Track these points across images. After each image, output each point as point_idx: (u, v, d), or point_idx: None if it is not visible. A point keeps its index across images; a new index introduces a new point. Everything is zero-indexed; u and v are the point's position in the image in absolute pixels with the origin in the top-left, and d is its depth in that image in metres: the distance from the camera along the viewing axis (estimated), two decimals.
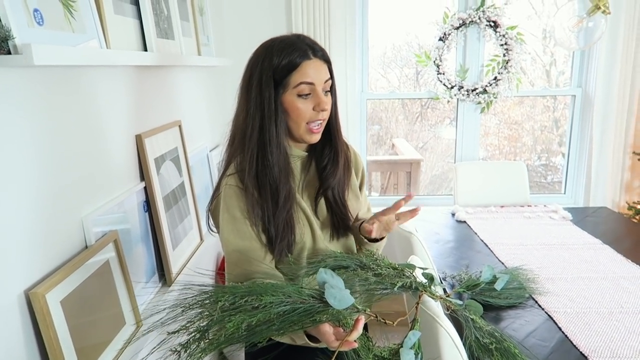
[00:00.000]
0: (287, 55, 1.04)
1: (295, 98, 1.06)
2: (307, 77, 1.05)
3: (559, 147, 5.50)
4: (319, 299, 0.90)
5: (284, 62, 1.04)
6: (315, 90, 1.07)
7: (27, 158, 0.95)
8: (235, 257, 1.09)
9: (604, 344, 1.29)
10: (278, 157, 1.08)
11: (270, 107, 1.06)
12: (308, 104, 1.07)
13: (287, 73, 1.05)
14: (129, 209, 1.36)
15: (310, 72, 1.05)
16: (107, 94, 1.28)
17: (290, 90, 1.06)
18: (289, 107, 1.07)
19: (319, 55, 1.08)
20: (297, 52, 1.05)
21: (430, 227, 2.29)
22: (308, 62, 1.05)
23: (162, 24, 1.60)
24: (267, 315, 0.84)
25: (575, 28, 2.26)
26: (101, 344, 1.12)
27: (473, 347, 1.11)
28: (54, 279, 0.97)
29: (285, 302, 0.87)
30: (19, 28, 0.87)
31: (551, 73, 5.30)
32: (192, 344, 0.85)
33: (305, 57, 1.05)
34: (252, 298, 0.87)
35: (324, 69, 1.09)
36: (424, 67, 2.81)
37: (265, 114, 1.06)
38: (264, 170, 1.07)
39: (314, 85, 1.06)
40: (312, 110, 1.08)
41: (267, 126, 1.06)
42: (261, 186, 1.07)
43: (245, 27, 2.61)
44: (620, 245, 1.95)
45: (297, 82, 1.05)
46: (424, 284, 1.12)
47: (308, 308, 0.88)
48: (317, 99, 1.07)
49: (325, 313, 0.89)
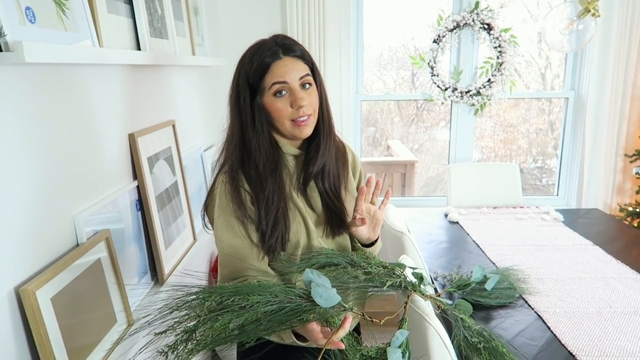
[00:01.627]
0: (257, 59, 1.07)
1: (272, 99, 1.08)
2: (279, 77, 1.06)
3: (554, 150, 5.53)
4: (306, 298, 0.90)
5: (254, 65, 1.07)
6: (291, 89, 1.08)
7: (19, 156, 0.95)
8: (228, 254, 1.10)
9: (592, 343, 1.30)
10: (260, 157, 1.10)
11: (246, 113, 1.09)
12: (286, 103, 1.08)
13: (259, 76, 1.07)
14: (121, 208, 1.36)
15: (281, 71, 1.06)
16: (100, 93, 1.28)
17: (267, 92, 1.08)
18: (270, 109, 1.09)
19: (291, 54, 1.08)
20: (265, 53, 1.06)
21: (423, 228, 2.30)
22: (278, 62, 1.07)
23: (156, 24, 1.60)
24: (255, 314, 0.85)
25: (566, 30, 2.28)
26: (92, 342, 1.12)
27: (462, 346, 1.12)
28: (44, 276, 0.98)
29: (273, 302, 0.87)
30: (11, 26, 0.87)
31: (546, 76, 5.33)
32: (180, 344, 0.85)
33: (275, 57, 1.07)
34: (239, 298, 0.87)
35: (298, 65, 1.09)
36: (419, 69, 2.82)
37: (243, 119, 1.10)
38: (250, 169, 1.10)
39: (287, 83, 1.07)
40: (290, 108, 1.08)
41: (245, 131, 1.10)
42: (251, 185, 1.10)
43: (239, 28, 2.61)
44: (610, 247, 1.96)
45: (270, 84, 1.07)
46: (413, 284, 1.13)
47: (295, 307, 0.88)
48: (292, 96, 1.08)
49: (312, 312, 0.89)
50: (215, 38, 2.53)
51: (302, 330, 0.92)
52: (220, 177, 1.13)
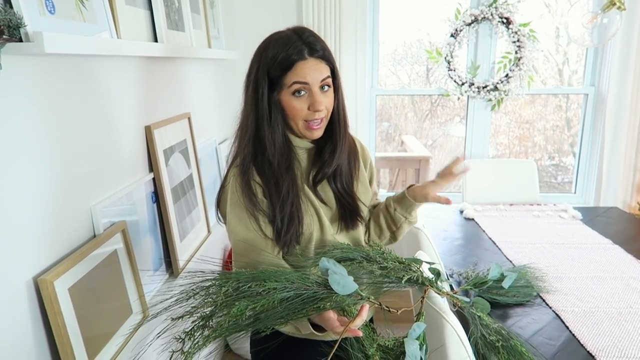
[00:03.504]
0: (281, 55, 1.03)
1: (290, 97, 1.06)
2: (301, 77, 1.04)
3: (570, 148, 5.44)
4: (323, 286, 0.90)
5: (277, 61, 1.04)
6: (311, 90, 1.06)
7: (38, 147, 0.96)
8: (241, 247, 1.09)
9: (612, 344, 1.28)
10: (274, 153, 1.08)
11: (262, 107, 1.06)
12: (304, 103, 1.06)
13: (281, 72, 1.04)
14: (137, 200, 1.36)
15: (304, 72, 1.04)
16: (117, 85, 1.29)
17: (286, 90, 1.05)
18: (286, 106, 1.07)
19: (316, 55, 1.06)
20: (292, 51, 1.03)
21: (438, 224, 2.28)
22: (303, 63, 1.04)
23: (173, 16, 1.60)
24: (271, 301, 0.84)
25: (590, 24, 2.23)
26: (108, 332, 1.13)
27: (479, 344, 1.10)
28: (62, 266, 0.98)
29: (289, 288, 0.87)
30: (31, 16, 0.87)
31: (564, 72, 5.24)
32: (196, 331, 0.85)
33: (300, 57, 1.04)
34: (255, 284, 0.87)
35: (322, 67, 1.07)
36: (435, 63, 2.79)
37: (259, 114, 1.07)
38: (263, 165, 1.08)
39: (308, 85, 1.05)
40: (307, 110, 1.07)
41: (261, 125, 1.07)
42: (264, 180, 1.08)
43: (255, 21, 2.60)
44: (630, 246, 1.92)
45: (291, 82, 1.04)
46: (430, 279, 1.12)
47: (312, 295, 0.88)
48: (311, 99, 1.06)
49: (329, 300, 0.89)
50: (231, 31, 2.53)
51: (319, 319, 0.91)
52: (231, 171, 1.12)
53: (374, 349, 0.93)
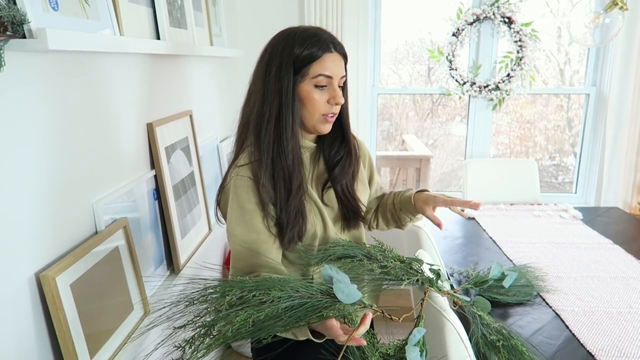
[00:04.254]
0: (310, 45, 1.05)
1: (312, 88, 1.07)
2: (326, 70, 1.06)
3: (571, 148, 5.43)
4: (327, 294, 0.89)
5: (306, 51, 1.05)
6: (332, 84, 1.08)
7: (39, 142, 0.96)
8: (241, 250, 1.08)
9: (612, 343, 1.28)
10: (293, 145, 1.08)
11: (288, 95, 1.06)
12: (324, 96, 1.08)
13: (307, 63, 1.05)
14: (138, 197, 1.37)
15: (330, 65, 1.06)
16: (120, 82, 1.29)
17: (308, 80, 1.06)
18: (305, 97, 1.07)
19: (339, 50, 1.09)
20: (320, 43, 1.06)
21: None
22: (329, 55, 1.07)
23: (175, 13, 1.60)
24: (275, 310, 0.84)
25: (592, 24, 2.23)
26: (109, 329, 1.13)
27: (480, 343, 1.11)
28: (64, 262, 0.99)
29: (293, 297, 0.86)
30: (35, 13, 0.87)
31: (565, 72, 5.24)
32: (197, 339, 0.84)
33: (327, 49, 1.06)
34: (260, 292, 0.86)
35: (342, 64, 1.10)
36: (437, 62, 2.79)
37: (283, 101, 1.06)
38: (279, 157, 1.07)
39: (331, 78, 1.07)
40: (326, 103, 1.09)
41: (284, 113, 1.06)
42: (275, 174, 1.07)
43: (257, 19, 2.61)
44: (630, 246, 1.93)
45: (317, 73, 1.05)
46: (430, 279, 1.12)
47: (315, 303, 0.87)
48: (332, 92, 1.08)
49: (332, 308, 0.88)
50: (233, 29, 2.53)
51: (322, 327, 0.91)
52: (234, 171, 1.10)
53: (375, 356, 0.92)
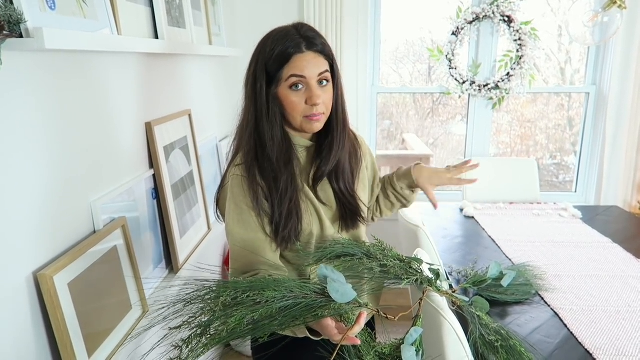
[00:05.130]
0: (279, 48, 1.03)
1: (288, 91, 1.05)
2: (298, 70, 1.03)
3: (572, 147, 5.42)
4: (321, 294, 0.90)
5: (275, 54, 1.03)
6: (308, 84, 1.05)
7: (37, 142, 0.96)
8: (239, 249, 1.09)
9: (610, 342, 1.28)
10: (273, 148, 1.08)
11: (261, 101, 1.06)
12: (301, 97, 1.05)
13: (279, 66, 1.04)
14: (137, 196, 1.37)
15: (301, 65, 1.03)
16: (118, 81, 1.29)
17: (283, 83, 1.05)
18: (284, 101, 1.06)
19: (314, 49, 1.05)
20: (289, 44, 1.03)
21: (438, 222, 2.28)
22: (300, 56, 1.03)
23: (174, 12, 1.60)
24: (269, 310, 0.84)
25: (591, 23, 2.23)
26: (107, 328, 1.14)
27: (478, 343, 1.10)
28: (62, 262, 0.99)
29: (288, 297, 0.86)
30: (31, 12, 0.88)
31: (566, 71, 5.23)
32: (194, 339, 0.85)
33: (298, 50, 1.03)
34: (254, 293, 0.86)
35: (320, 61, 1.06)
36: (437, 61, 2.79)
37: (258, 107, 1.07)
38: (263, 161, 1.08)
39: (305, 78, 1.04)
40: (305, 104, 1.06)
41: (259, 119, 1.07)
42: (264, 176, 1.08)
43: (256, 18, 2.61)
44: (630, 245, 1.92)
45: (288, 75, 1.04)
46: (430, 279, 1.12)
47: (310, 303, 0.87)
48: (309, 93, 1.05)
49: (327, 308, 0.88)
50: (232, 28, 2.53)
51: (317, 326, 0.91)
52: (231, 170, 1.11)
53: (371, 356, 0.93)
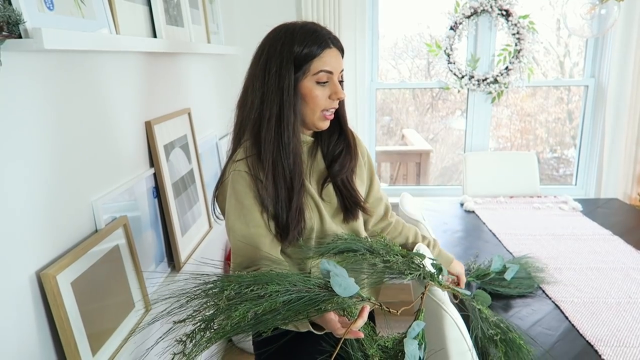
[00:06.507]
0: (310, 43, 1.06)
1: (313, 85, 1.08)
2: (327, 66, 1.07)
3: (572, 140, 5.43)
4: (324, 288, 0.90)
5: (306, 49, 1.06)
6: (332, 79, 1.09)
7: (38, 141, 0.97)
8: (240, 245, 1.09)
9: (611, 333, 1.28)
10: (294, 144, 1.08)
11: (289, 93, 1.06)
12: (325, 92, 1.09)
13: (308, 60, 1.06)
14: (138, 195, 1.37)
15: (330, 60, 1.08)
16: (117, 80, 1.29)
17: (310, 77, 1.07)
18: (307, 94, 1.08)
19: (336, 45, 1.11)
20: (319, 40, 1.07)
21: (438, 217, 2.29)
22: (329, 51, 1.08)
23: (172, 11, 1.60)
24: (273, 304, 0.85)
25: (588, 15, 2.23)
26: (111, 327, 1.14)
27: (479, 337, 1.11)
28: (64, 261, 0.99)
29: (291, 291, 0.87)
30: (30, 13, 0.88)
31: (565, 64, 5.22)
32: (198, 333, 0.85)
33: (326, 45, 1.08)
34: (257, 287, 0.87)
35: (340, 59, 1.12)
36: (435, 56, 2.79)
37: (285, 99, 1.06)
38: (280, 157, 1.06)
39: (332, 74, 1.09)
40: (327, 99, 1.10)
41: (285, 112, 1.06)
42: (277, 173, 1.06)
43: (254, 16, 2.60)
44: (630, 237, 1.93)
45: (318, 70, 1.07)
46: (432, 274, 1.12)
47: (313, 297, 0.88)
48: (334, 88, 1.10)
49: (330, 302, 0.89)
50: (230, 26, 2.53)
51: (320, 320, 0.92)
52: (231, 166, 1.10)
53: (373, 349, 0.93)
